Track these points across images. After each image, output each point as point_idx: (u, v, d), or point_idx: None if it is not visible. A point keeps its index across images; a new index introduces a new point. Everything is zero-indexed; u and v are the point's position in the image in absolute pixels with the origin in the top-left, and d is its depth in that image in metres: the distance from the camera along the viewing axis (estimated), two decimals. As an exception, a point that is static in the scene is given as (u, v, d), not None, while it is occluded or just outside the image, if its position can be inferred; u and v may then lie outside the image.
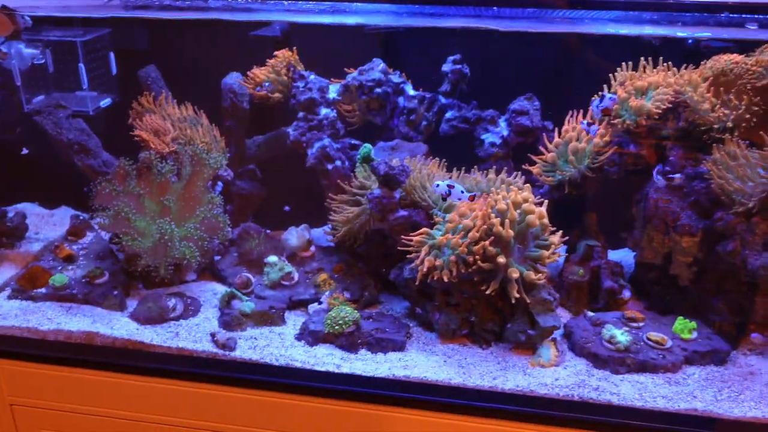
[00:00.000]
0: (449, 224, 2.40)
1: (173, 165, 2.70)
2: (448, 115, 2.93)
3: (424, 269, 2.35)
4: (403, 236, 2.58)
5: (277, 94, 2.88)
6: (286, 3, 2.30)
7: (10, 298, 2.69)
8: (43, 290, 2.69)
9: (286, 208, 3.37)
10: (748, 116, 2.43)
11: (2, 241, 2.97)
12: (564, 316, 2.79)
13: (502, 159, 2.87)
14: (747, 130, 2.53)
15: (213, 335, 2.51)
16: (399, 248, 2.65)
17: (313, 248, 2.93)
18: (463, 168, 2.81)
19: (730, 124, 2.44)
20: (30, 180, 3.45)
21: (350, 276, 2.84)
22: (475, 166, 2.86)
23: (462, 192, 2.43)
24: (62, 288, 2.67)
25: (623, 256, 3.07)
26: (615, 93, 2.62)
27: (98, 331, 2.51)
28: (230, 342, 2.47)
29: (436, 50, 3.04)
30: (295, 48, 2.98)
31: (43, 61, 2.93)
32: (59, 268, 2.80)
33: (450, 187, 2.42)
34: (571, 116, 2.76)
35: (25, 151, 3.02)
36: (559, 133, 2.77)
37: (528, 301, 2.44)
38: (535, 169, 2.75)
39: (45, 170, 3.33)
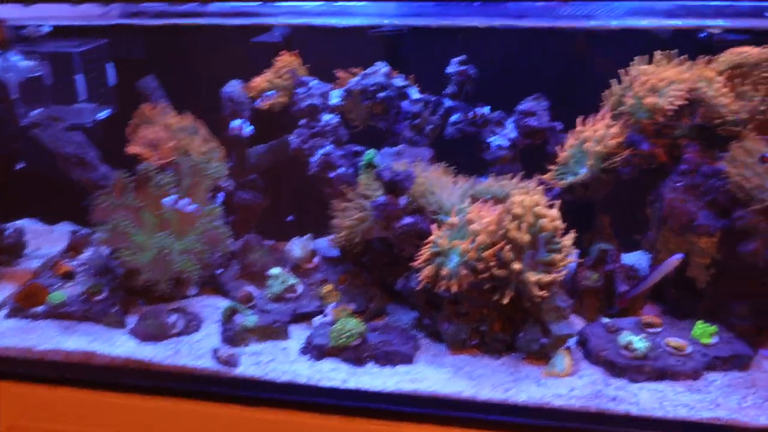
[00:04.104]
0: (452, 228, 2.34)
1: (172, 176, 2.67)
2: (454, 118, 2.87)
3: (425, 276, 2.29)
4: (408, 246, 2.54)
5: (282, 98, 2.84)
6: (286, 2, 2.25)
7: (8, 317, 2.67)
8: (41, 308, 2.65)
9: (290, 217, 3.33)
10: (764, 107, 2.37)
11: (0, 259, 2.95)
12: (577, 323, 2.71)
13: (510, 162, 2.81)
14: (765, 125, 2.47)
15: (215, 351, 2.47)
16: (404, 257, 2.60)
17: (316, 259, 2.88)
18: (461, 171, 2.77)
19: (745, 116, 2.37)
20: (31, 195, 3.44)
21: (355, 287, 2.79)
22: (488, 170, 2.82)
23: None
24: (60, 306, 2.64)
25: (638, 259, 3.00)
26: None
27: (96, 350, 2.48)
28: (233, 358, 2.43)
29: (442, 51, 2.99)
30: (296, 52, 2.94)
31: (40, 73, 2.91)
32: (57, 285, 2.77)
33: None
34: (585, 116, 2.69)
35: (20, 165, 3.00)
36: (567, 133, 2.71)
37: (542, 307, 2.37)
38: (547, 177, 2.68)
39: (45, 185, 3.31)
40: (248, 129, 2.75)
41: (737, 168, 2.34)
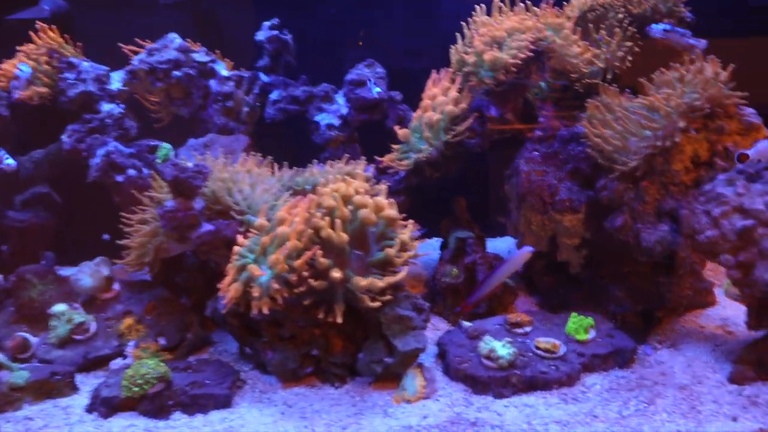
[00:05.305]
0: (261, 234, 1.92)
1: None
2: (274, 95, 2.46)
3: (232, 297, 1.86)
4: (219, 260, 2.11)
5: (42, 88, 2.31)
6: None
7: None
8: None
9: (105, 236, 2.80)
10: (621, 53, 2.07)
11: None
12: (441, 327, 2.37)
13: (345, 143, 2.42)
14: (626, 75, 2.19)
15: (-36, 424, 1.94)
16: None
17: (116, 286, 2.39)
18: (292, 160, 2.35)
19: (602, 65, 2.07)
20: None
21: (167, 316, 2.32)
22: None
23: None
24: None
25: (510, 245, 2.69)
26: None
27: None
28: (-13, 431, 1.91)
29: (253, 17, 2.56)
30: (55, 28, 2.41)
31: None
32: None
33: None
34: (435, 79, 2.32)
35: None
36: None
37: (382, 319, 1.99)
38: (387, 158, 2.30)
39: None
40: (10, 162, 2.22)
41: (596, 128, 2.03)
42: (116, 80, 2.37)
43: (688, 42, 1.97)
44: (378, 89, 2.39)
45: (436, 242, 2.80)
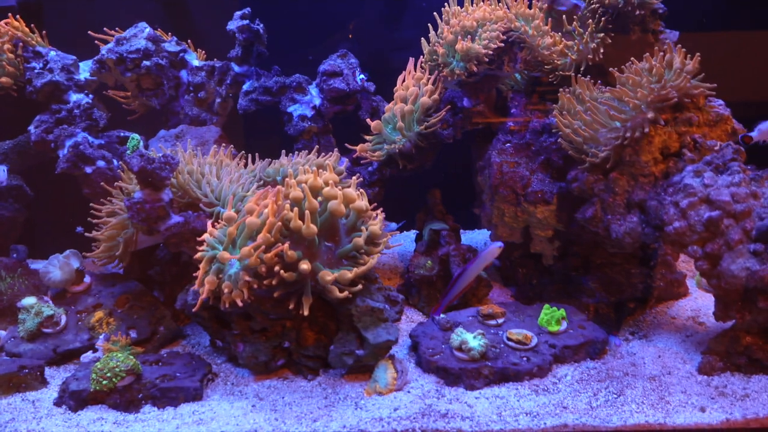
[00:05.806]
0: (229, 225, 1.92)
1: None
2: (246, 86, 2.46)
3: (209, 290, 1.87)
4: (191, 252, 2.11)
5: (5, 78, 2.29)
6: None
7: None
8: None
9: (79, 229, 2.80)
10: (594, 45, 2.08)
11: None
12: (416, 319, 2.39)
13: (319, 135, 2.43)
14: (600, 67, 2.20)
15: (-70, 419, 1.94)
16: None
17: (88, 279, 2.39)
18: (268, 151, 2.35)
19: (574, 57, 2.08)
20: None
21: (139, 309, 2.33)
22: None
23: None
24: None
25: (488, 237, 2.71)
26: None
27: None
28: (-49, 426, 1.90)
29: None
30: (18, 16, 2.38)
31: None
32: None
33: None
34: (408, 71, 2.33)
35: None
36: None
37: (353, 311, 2.01)
38: (359, 148, 2.31)
39: None
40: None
41: (566, 119, 2.05)
42: (84, 70, 2.36)
43: None
44: (361, 76, 2.40)
45: (412, 234, 2.82)
